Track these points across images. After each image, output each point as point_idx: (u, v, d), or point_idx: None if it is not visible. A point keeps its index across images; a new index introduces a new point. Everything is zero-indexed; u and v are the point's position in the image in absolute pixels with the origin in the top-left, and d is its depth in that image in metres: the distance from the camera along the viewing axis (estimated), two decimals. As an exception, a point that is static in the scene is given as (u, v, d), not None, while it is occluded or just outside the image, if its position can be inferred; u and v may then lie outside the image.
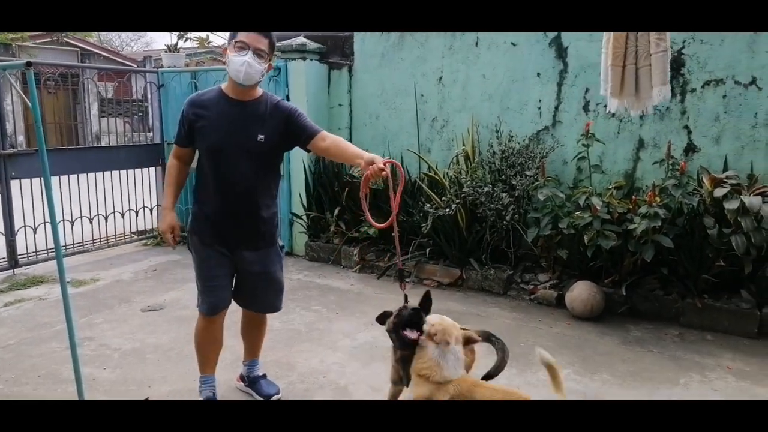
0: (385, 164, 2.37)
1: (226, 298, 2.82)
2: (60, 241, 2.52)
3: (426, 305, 2.40)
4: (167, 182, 2.78)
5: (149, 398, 3.00)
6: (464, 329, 2.30)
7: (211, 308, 2.79)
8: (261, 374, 3.09)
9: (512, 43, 4.94)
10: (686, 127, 4.32)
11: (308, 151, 2.74)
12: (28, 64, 2.20)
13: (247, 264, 2.77)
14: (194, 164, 2.80)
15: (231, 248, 2.73)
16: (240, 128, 2.60)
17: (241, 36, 2.51)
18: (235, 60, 2.50)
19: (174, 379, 3.24)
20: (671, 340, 3.82)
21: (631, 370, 3.39)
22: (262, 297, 2.90)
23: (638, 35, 3.15)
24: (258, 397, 3.00)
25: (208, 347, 2.90)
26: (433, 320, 2.27)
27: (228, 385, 3.15)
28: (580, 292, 4.16)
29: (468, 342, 2.30)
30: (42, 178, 5.53)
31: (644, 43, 3.17)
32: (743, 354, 3.60)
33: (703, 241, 3.94)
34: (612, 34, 3.20)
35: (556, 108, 4.80)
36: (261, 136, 2.61)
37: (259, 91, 2.69)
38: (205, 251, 2.73)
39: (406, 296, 2.44)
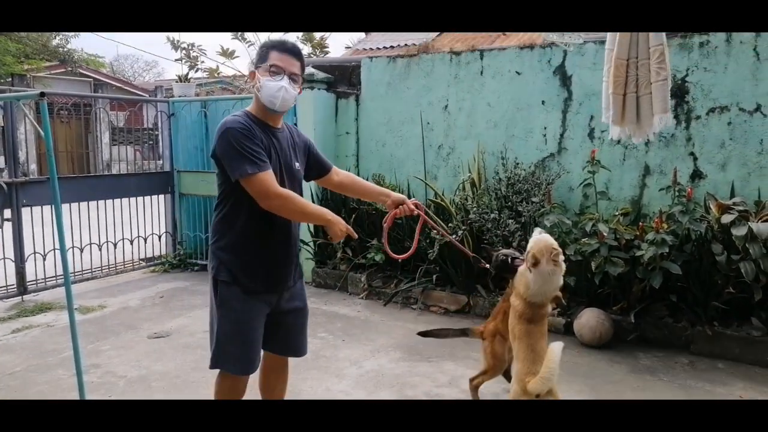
0: (415, 205, 2.61)
1: (261, 353, 2.51)
2: (68, 268, 2.55)
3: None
4: (304, 203, 2.35)
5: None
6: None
7: (248, 368, 2.43)
8: None
9: (517, 72, 5.00)
10: (692, 153, 4.34)
11: (312, 181, 2.70)
12: (42, 94, 2.26)
13: (286, 302, 2.50)
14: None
15: (275, 289, 2.44)
16: (284, 157, 2.41)
17: (275, 60, 2.32)
18: (271, 85, 2.29)
19: (179, 407, 3.23)
20: (681, 369, 3.76)
21: (641, 398, 3.34)
22: (300, 337, 2.62)
23: (639, 64, 3.19)
24: None
25: None
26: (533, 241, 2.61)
27: None
28: (588, 320, 4.12)
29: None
30: (52, 206, 5.60)
31: (645, 71, 3.21)
32: (755, 382, 3.54)
33: (711, 267, 3.92)
34: (613, 63, 3.25)
35: (562, 135, 4.83)
36: (297, 164, 2.49)
37: (281, 118, 2.49)
38: (250, 304, 2.37)
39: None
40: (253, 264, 2.37)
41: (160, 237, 6.70)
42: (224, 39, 48.21)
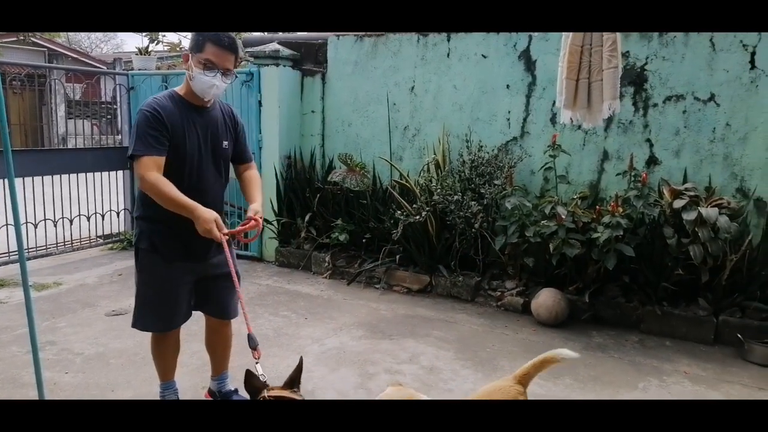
0: (253, 218, 2.55)
1: (185, 314, 2.71)
2: (23, 244, 2.47)
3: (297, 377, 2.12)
4: (174, 193, 2.36)
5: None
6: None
7: (169, 325, 2.67)
8: (233, 389, 2.97)
9: (483, 55, 5.04)
10: (648, 140, 4.47)
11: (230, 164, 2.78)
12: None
13: (213, 268, 2.67)
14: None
15: (199, 259, 2.61)
16: (207, 135, 2.56)
17: (209, 54, 2.40)
18: (204, 80, 2.42)
19: (138, 384, 3.20)
20: (632, 346, 3.93)
21: (593, 374, 3.48)
22: (229, 301, 2.79)
23: (592, 51, 3.28)
24: None
25: (168, 357, 2.80)
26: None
27: (194, 390, 3.12)
28: (545, 299, 4.25)
29: None
30: (4, 180, 5.40)
31: (597, 59, 3.30)
32: (699, 359, 3.72)
33: (662, 250, 4.08)
34: (567, 48, 3.34)
35: (525, 119, 4.91)
36: (225, 143, 2.63)
37: None
38: (169, 269, 2.57)
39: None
40: (169, 234, 2.54)
41: (118, 214, 6.55)
42: (187, 12, 46.58)
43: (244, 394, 2.88)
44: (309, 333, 4.02)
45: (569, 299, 4.29)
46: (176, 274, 2.60)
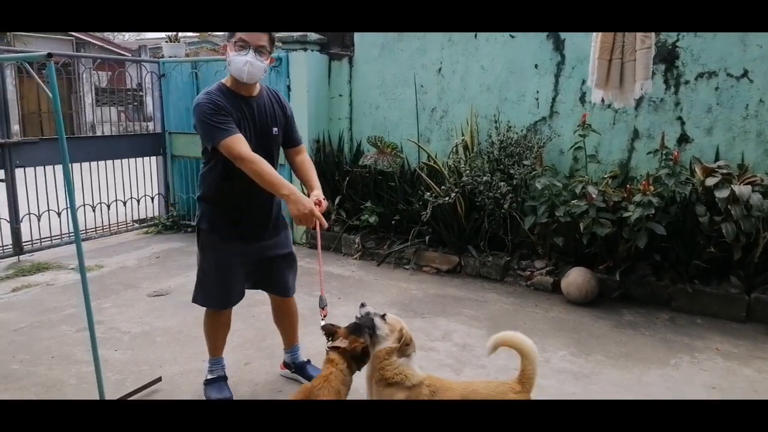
0: (318, 202, 2.58)
1: (241, 292, 2.86)
2: (78, 227, 2.60)
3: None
4: (269, 171, 2.47)
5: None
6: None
7: (226, 303, 2.84)
8: (306, 360, 3.15)
9: (510, 35, 5.03)
10: (680, 118, 4.44)
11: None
12: (49, 55, 2.27)
13: (270, 250, 2.81)
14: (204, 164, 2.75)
15: (256, 240, 2.75)
16: (259, 123, 2.65)
17: (241, 34, 2.50)
18: (238, 60, 2.51)
19: (184, 360, 3.35)
20: (662, 324, 3.96)
21: (624, 351, 3.53)
22: (287, 279, 2.94)
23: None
24: (306, 383, 3.05)
25: (220, 335, 2.97)
26: (394, 323, 2.23)
27: (237, 366, 3.26)
28: (575, 278, 4.29)
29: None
30: (45, 168, 5.58)
31: (631, 39, 3.30)
32: (731, 336, 3.74)
33: (694, 228, 4.08)
34: (601, 27, 3.33)
35: (554, 99, 4.91)
36: (275, 129, 2.72)
37: (258, 85, 2.71)
38: (227, 249, 2.71)
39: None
40: (227, 215, 2.68)
41: (152, 199, 6.73)
42: None
43: (317, 364, 3.06)
44: (343, 312, 4.12)
45: (599, 278, 4.32)
46: (233, 255, 2.73)
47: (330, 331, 2.27)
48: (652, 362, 3.39)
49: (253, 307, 3.87)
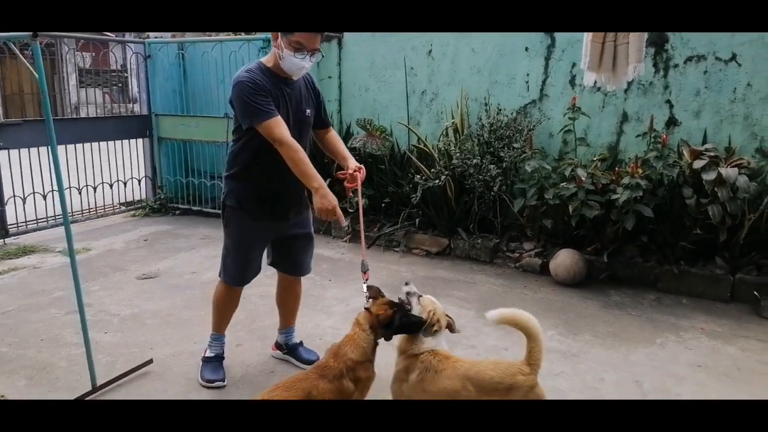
0: (358, 169, 2.74)
1: (258, 269, 2.91)
2: (67, 210, 2.57)
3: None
4: (306, 161, 2.50)
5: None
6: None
7: (243, 280, 2.88)
8: (298, 341, 3.19)
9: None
10: (668, 101, 4.47)
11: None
12: (34, 35, 2.22)
13: (291, 229, 2.85)
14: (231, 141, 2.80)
15: (280, 218, 2.78)
16: (294, 104, 2.67)
17: (299, 37, 2.47)
18: (293, 61, 2.52)
19: (175, 342, 3.35)
20: (649, 304, 4.02)
21: (611, 331, 3.59)
22: (304, 259, 2.99)
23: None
24: (298, 364, 3.08)
25: (228, 311, 3.00)
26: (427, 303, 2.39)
27: (229, 347, 3.26)
28: (563, 260, 4.33)
29: None
30: (29, 150, 5.48)
31: (624, 22, 3.29)
32: (716, 316, 3.81)
33: (681, 210, 4.13)
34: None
35: (544, 82, 4.91)
36: (308, 111, 2.74)
37: None
38: (252, 227, 2.76)
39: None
40: (256, 195, 2.70)
41: (139, 181, 6.66)
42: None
43: (309, 347, 3.17)
44: (334, 294, 4.15)
45: (587, 260, 4.37)
46: (257, 232, 2.78)
47: (374, 294, 2.41)
48: (638, 341, 3.45)
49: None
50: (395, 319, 2.29)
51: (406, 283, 2.47)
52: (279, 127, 2.49)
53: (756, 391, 2.89)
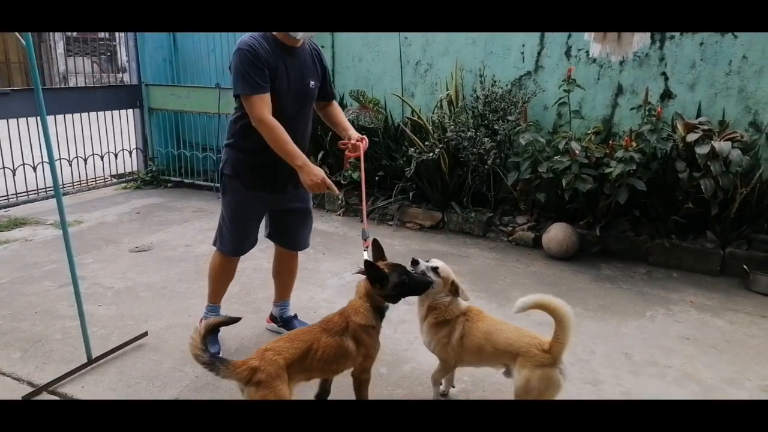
0: (360, 140, 2.75)
1: (254, 241, 2.91)
2: (58, 182, 2.55)
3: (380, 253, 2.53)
4: (285, 140, 2.49)
5: None
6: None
7: (238, 250, 2.88)
8: (293, 314, 3.22)
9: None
10: (663, 73, 4.44)
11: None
12: None
13: (290, 203, 2.85)
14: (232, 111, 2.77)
15: (275, 189, 2.76)
16: (297, 74, 2.63)
17: None
18: None
19: (169, 315, 3.36)
20: (640, 278, 4.06)
21: (602, 304, 3.63)
22: (302, 233, 3.00)
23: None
24: None
25: (224, 282, 3.01)
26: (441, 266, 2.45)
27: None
28: (556, 234, 4.36)
29: None
30: (18, 120, 5.39)
31: (629, -11, 3.24)
32: (705, 289, 3.87)
33: (674, 184, 4.14)
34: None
35: (539, 53, 4.85)
36: (312, 82, 2.71)
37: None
38: (247, 196, 2.75)
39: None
40: (250, 164, 2.69)
41: (130, 153, 6.59)
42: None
43: (304, 320, 3.17)
44: (328, 267, 4.16)
45: (579, 233, 4.40)
46: (252, 202, 2.78)
47: (376, 251, 2.50)
48: (629, 314, 3.50)
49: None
50: (398, 281, 2.32)
51: (415, 262, 2.47)
52: (261, 105, 2.47)
53: (743, 363, 2.95)
